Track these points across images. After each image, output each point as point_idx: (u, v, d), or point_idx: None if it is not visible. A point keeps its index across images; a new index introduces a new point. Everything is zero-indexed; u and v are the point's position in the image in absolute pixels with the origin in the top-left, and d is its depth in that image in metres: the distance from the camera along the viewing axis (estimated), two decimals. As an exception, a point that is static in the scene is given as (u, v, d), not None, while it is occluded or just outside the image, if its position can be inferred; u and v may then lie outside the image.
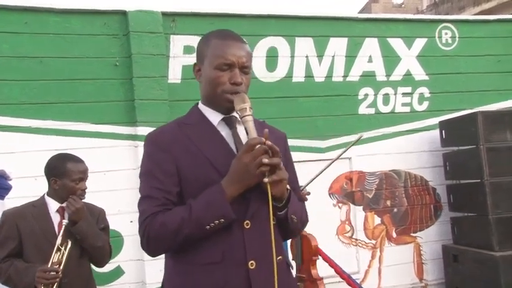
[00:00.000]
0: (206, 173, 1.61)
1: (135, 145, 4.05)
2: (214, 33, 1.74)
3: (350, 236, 4.74)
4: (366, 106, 4.85)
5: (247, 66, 1.69)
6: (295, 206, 1.70)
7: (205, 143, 1.66)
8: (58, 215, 2.69)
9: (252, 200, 1.61)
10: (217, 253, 1.58)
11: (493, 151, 4.35)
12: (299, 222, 1.74)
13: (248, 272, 1.58)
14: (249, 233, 1.61)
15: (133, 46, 4.09)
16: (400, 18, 5.12)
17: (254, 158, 1.52)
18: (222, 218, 1.55)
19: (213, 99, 1.70)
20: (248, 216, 1.61)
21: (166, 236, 1.58)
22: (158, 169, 1.64)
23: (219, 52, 1.66)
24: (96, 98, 4.05)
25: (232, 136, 1.69)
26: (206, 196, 1.57)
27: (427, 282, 4.93)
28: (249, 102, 1.62)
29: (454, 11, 22.61)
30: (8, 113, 3.82)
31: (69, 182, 2.66)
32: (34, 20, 3.94)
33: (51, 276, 2.50)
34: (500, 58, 5.27)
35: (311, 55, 4.71)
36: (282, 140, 1.82)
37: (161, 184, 1.62)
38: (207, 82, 1.70)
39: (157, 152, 1.66)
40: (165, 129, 1.73)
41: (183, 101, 4.15)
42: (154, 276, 3.86)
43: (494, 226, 4.24)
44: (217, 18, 4.42)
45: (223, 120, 1.71)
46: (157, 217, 1.59)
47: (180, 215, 1.57)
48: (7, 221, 2.66)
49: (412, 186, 4.96)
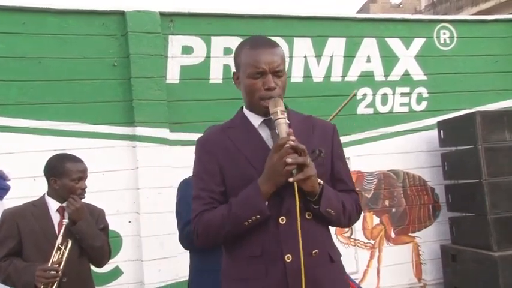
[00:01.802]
0: (245, 172, 1.74)
1: (133, 145, 4.04)
2: (246, 41, 1.86)
3: (349, 236, 4.74)
4: (364, 106, 4.85)
5: (280, 70, 1.78)
6: (332, 200, 1.76)
7: (246, 143, 1.79)
8: (58, 215, 2.69)
9: (286, 196, 1.70)
10: (257, 247, 1.72)
11: (492, 151, 4.36)
12: (341, 215, 1.80)
13: (285, 265, 1.69)
14: (285, 228, 1.71)
15: (132, 46, 4.09)
16: (399, 18, 5.13)
17: (281, 157, 1.63)
18: (258, 215, 1.67)
19: (251, 105, 1.82)
20: (283, 213, 1.71)
21: (211, 232, 1.74)
22: (203, 171, 1.81)
23: (250, 61, 1.77)
24: (94, 98, 4.05)
25: (271, 136, 1.79)
26: (244, 194, 1.70)
27: (425, 282, 4.93)
28: (282, 105, 1.73)
29: (452, 11, 22.63)
30: (6, 113, 3.81)
31: (69, 182, 2.66)
32: (32, 20, 3.93)
33: (51, 275, 2.50)
34: (498, 58, 5.28)
35: (309, 55, 4.71)
36: (328, 132, 1.90)
37: (206, 184, 1.78)
38: (244, 90, 1.82)
39: (202, 154, 1.83)
40: (211, 133, 1.89)
41: (181, 101, 4.16)
42: (152, 277, 3.86)
43: (493, 226, 4.25)
44: (215, 19, 4.42)
45: (263, 122, 1.82)
46: (204, 215, 1.75)
47: (221, 213, 1.72)
48: (7, 220, 2.66)
49: (411, 186, 4.96)
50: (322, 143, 1.81)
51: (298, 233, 1.65)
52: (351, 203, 1.86)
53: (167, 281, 3.93)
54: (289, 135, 1.65)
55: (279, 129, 1.69)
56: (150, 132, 4.04)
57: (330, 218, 1.77)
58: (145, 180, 3.99)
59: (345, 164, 1.93)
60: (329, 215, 1.75)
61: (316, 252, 1.73)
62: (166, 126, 4.07)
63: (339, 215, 1.79)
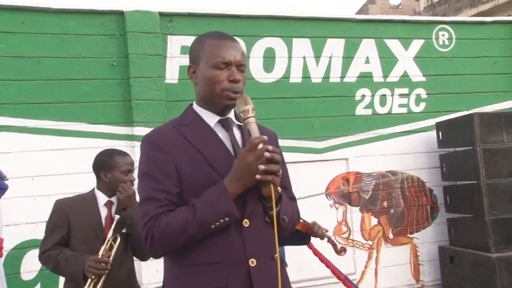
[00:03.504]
0: (206, 173, 1.63)
1: (132, 145, 4.04)
2: (207, 34, 1.77)
3: (347, 237, 4.74)
4: (363, 107, 4.86)
5: (243, 65, 1.72)
6: (286, 207, 1.71)
7: (203, 143, 1.67)
8: (106, 209, 2.75)
9: (249, 198, 1.64)
10: (218, 253, 1.60)
11: (490, 152, 4.36)
12: (290, 223, 1.74)
13: (249, 269, 1.61)
14: (248, 232, 1.63)
15: (131, 46, 4.09)
16: (397, 20, 5.13)
17: (257, 157, 1.56)
18: (226, 217, 1.58)
19: (211, 99, 1.71)
20: (246, 215, 1.64)
21: (171, 237, 1.59)
22: (158, 170, 1.64)
23: (215, 51, 1.68)
24: (93, 98, 4.05)
25: (229, 138, 1.71)
26: (209, 195, 1.59)
27: (423, 283, 4.94)
28: (252, 103, 1.64)
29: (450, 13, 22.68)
30: (5, 112, 3.81)
31: (119, 174, 2.74)
32: (31, 20, 3.93)
33: (102, 267, 2.55)
34: (496, 60, 5.29)
35: (308, 56, 4.72)
36: (273, 140, 1.84)
37: (162, 185, 1.63)
38: (204, 82, 1.70)
39: (156, 152, 1.66)
40: (162, 130, 1.73)
41: (180, 101, 4.16)
42: (150, 277, 3.86)
43: (491, 227, 4.25)
44: (214, 19, 4.42)
45: (219, 122, 1.73)
46: (161, 218, 1.60)
47: (184, 216, 1.58)
48: (58, 210, 2.74)
49: (409, 187, 4.97)
50: None
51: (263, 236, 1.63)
52: (295, 211, 1.82)
53: (165, 281, 3.93)
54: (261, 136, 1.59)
55: (251, 128, 1.61)
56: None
57: (283, 224, 1.68)
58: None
59: (286, 171, 1.88)
60: (283, 222, 1.68)
61: (276, 257, 1.65)
62: (165, 126, 4.06)
63: (288, 223, 1.72)
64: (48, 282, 3.72)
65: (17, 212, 3.63)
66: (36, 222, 3.69)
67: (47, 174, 3.81)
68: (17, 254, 3.72)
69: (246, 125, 1.63)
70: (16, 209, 3.60)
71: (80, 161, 3.74)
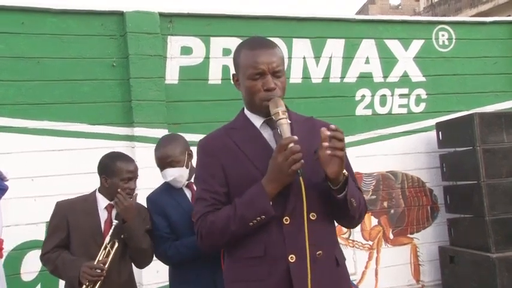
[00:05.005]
0: (248, 172, 1.74)
1: (132, 146, 4.04)
2: (244, 43, 1.86)
3: (347, 237, 4.74)
4: (363, 107, 4.86)
5: (279, 70, 1.78)
6: (354, 191, 1.76)
7: (248, 144, 1.79)
8: (106, 212, 2.70)
9: (290, 196, 1.71)
10: (259, 248, 1.71)
11: (490, 152, 4.36)
12: (357, 209, 1.78)
13: (288, 265, 1.68)
14: (288, 229, 1.70)
15: (131, 47, 4.09)
16: (397, 20, 5.13)
17: (286, 157, 1.61)
18: (263, 215, 1.67)
19: (252, 107, 1.83)
20: (287, 213, 1.71)
21: (215, 233, 1.74)
22: (206, 173, 1.80)
23: (249, 62, 1.77)
24: (93, 99, 4.04)
25: (273, 136, 1.79)
26: (248, 195, 1.70)
27: (423, 283, 4.93)
28: (283, 105, 1.73)
29: (450, 13, 22.69)
30: (4, 113, 3.81)
31: (118, 181, 2.66)
32: (31, 21, 3.93)
33: (96, 273, 2.50)
34: (496, 60, 5.29)
35: (308, 56, 4.71)
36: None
37: (209, 186, 1.78)
38: (245, 91, 1.82)
39: (204, 157, 1.83)
40: (213, 136, 1.88)
41: (180, 102, 4.16)
42: (151, 278, 3.85)
43: (491, 227, 4.25)
44: (214, 19, 4.42)
45: (265, 123, 1.82)
46: (208, 217, 1.75)
47: (226, 214, 1.72)
48: (58, 212, 2.70)
49: (409, 187, 4.96)
50: None
51: (302, 233, 1.67)
52: (362, 199, 1.86)
53: (165, 282, 3.91)
54: (292, 136, 1.65)
55: (281, 130, 1.69)
56: (148, 133, 4.04)
57: (351, 209, 1.73)
58: (143, 180, 3.96)
59: (349, 164, 1.92)
60: (351, 206, 1.72)
61: (320, 254, 1.72)
62: (165, 127, 4.06)
63: (356, 208, 1.76)
64: (49, 283, 3.71)
65: (17, 213, 3.62)
66: (36, 223, 3.69)
67: (47, 174, 3.81)
68: (17, 255, 3.71)
69: (278, 126, 1.71)
70: (16, 209, 3.59)
71: (80, 162, 3.74)
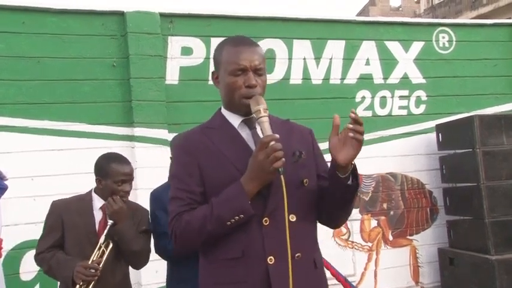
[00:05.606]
0: (227, 172, 1.70)
1: (132, 146, 4.04)
2: (227, 40, 1.84)
3: (346, 239, 4.74)
4: (363, 109, 4.86)
5: (261, 68, 1.77)
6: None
7: (226, 144, 1.75)
8: (101, 212, 2.70)
9: (270, 197, 1.68)
10: (237, 249, 1.67)
11: (489, 155, 4.37)
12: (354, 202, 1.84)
13: (267, 267, 1.65)
14: (268, 230, 1.67)
15: (131, 47, 4.09)
16: (398, 22, 5.13)
17: (267, 155, 1.59)
18: (241, 214, 1.63)
19: (232, 104, 1.79)
20: (266, 213, 1.68)
21: (191, 233, 1.69)
22: (184, 172, 1.75)
23: (231, 58, 1.75)
24: (93, 99, 4.04)
25: (252, 136, 1.77)
26: (226, 193, 1.65)
27: (423, 285, 4.93)
28: (264, 103, 1.70)
29: (451, 15, 22.71)
30: (5, 112, 3.81)
31: (112, 183, 2.65)
32: (31, 20, 3.93)
33: (90, 273, 2.50)
34: (497, 62, 5.29)
35: (309, 57, 4.72)
36: (307, 135, 1.90)
37: (185, 185, 1.73)
38: (224, 88, 1.79)
39: (183, 156, 1.77)
40: (189, 134, 1.84)
41: (180, 102, 4.16)
42: (150, 278, 3.85)
43: (490, 229, 4.25)
44: (214, 20, 4.43)
45: (243, 122, 1.79)
46: (183, 216, 1.69)
47: (202, 213, 1.67)
48: (54, 212, 2.70)
49: (409, 189, 4.96)
50: (302, 146, 1.78)
51: (282, 234, 1.64)
52: None
53: (164, 282, 3.92)
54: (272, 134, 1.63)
55: (263, 127, 1.66)
56: (148, 133, 4.04)
57: (354, 198, 1.78)
58: (143, 181, 3.98)
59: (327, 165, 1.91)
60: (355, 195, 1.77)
61: (299, 256, 1.69)
62: (165, 127, 4.07)
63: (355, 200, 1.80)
64: (48, 282, 3.70)
65: (17, 212, 3.62)
66: (35, 223, 3.67)
67: (47, 174, 3.81)
68: (17, 254, 3.71)
69: (259, 124, 1.69)
70: (16, 209, 3.59)
71: (80, 162, 3.74)
